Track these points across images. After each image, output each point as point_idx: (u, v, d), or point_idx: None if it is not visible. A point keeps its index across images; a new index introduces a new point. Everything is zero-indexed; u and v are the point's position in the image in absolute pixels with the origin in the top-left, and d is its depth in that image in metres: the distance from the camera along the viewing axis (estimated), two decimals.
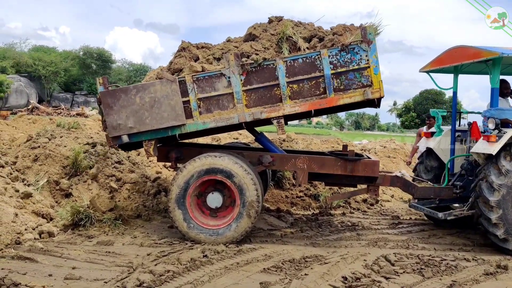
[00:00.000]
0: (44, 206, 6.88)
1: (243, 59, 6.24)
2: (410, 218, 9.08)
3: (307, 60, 6.30)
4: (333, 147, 13.81)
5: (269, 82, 6.32)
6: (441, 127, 8.17)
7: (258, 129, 7.66)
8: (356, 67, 6.29)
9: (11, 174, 7.21)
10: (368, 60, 6.26)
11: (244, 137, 15.38)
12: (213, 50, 6.88)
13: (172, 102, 6.23)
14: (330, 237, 7.15)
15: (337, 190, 9.69)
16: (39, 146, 8.24)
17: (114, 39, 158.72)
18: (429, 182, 7.74)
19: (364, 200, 10.10)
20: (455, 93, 7.95)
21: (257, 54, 6.37)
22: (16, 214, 6.24)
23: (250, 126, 7.16)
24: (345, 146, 8.03)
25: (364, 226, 8.04)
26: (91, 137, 9.11)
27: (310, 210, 9.27)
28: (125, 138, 6.29)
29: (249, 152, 6.99)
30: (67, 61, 60.38)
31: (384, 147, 16.23)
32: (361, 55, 6.27)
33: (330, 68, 6.25)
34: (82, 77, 63.85)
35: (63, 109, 49.05)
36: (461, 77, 8.03)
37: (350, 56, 6.27)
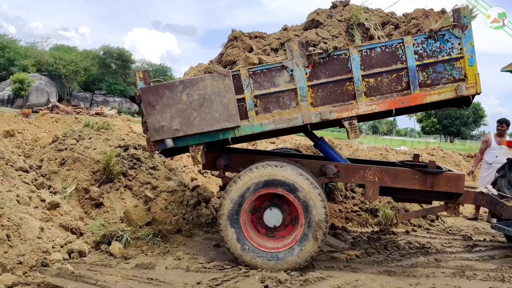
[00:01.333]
0: (73, 218, 6.08)
1: (310, 49, 5.31)
2: (484, 239, 8.03)
3: (387, 50, 5.36)
4: (381, 154, 12.79)
5: (340, 75, 5.40)
6: None
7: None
8: (447, 57, 5.32)
9: (35, 180, 6.41)
10: (461, 49, 5.30)
11: (281, 141, 14.46)
12: (269, 40, 5.98)
13: (225, 100, 5.35)
14: (403, 263, 6.19)
15: (397, 204, 8.71)
16: (66, 148, 7.49)
17: (133, 40, 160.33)
18: None
19: (424, 216, 9.06)
20: None
21: (325, 43, 5.44)
22: (42, 228, 5.46)
23: (308, 128, 6.23)
24: (416, 156, 7.03)
25: (437, 248, 7.03)
26: (123, 139, 8.31)
27: (367, 227, 8.30)
28: (169, 143, 5.43)
29: (309, 161, 6.05)
30: (87, 61, 60.53)
31: (432, 155, 15.06)
32: (452, 43, 5.30)
33: (415, 58, 5.31)
34: (102, 76, 64.08)
35: (82, 108, 49.16)
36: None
37: (439, 44, 5.31)
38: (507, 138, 9.04)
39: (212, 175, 9.97)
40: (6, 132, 9.81)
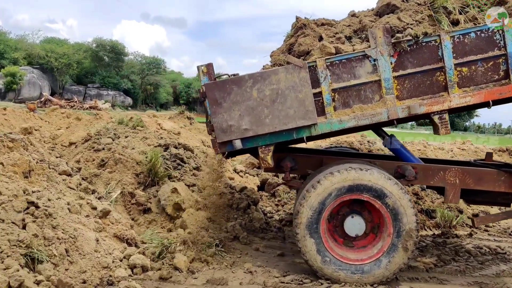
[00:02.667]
0: (125, 227, 5.59)
1: (398, 35, 4.82)
2: None
3: (483, 35, 4.90)
4: (419, 149, 12.33)
5: (429, 65, 4.95)
6: None
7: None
8: None
9: (80, 185, 5.91)
10: None
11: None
12: (338, 27, 5.48)
13: (301, 95, 4.86)
14: (487, 272, 5.80)
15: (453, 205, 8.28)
16: (103, 148, 6.99)
17: (121, 33, 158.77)
18: None
19: (476, 215, 8.63)
20: None
21: (411, 29, 4.95)
22: (97, 240, 5.01)
23: (379, 125, 5.77)
24: (489, 154, 6.58)
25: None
26: (161, 137, 7.79)
27: (425, 230, 7.85)
28: (238, 144, 4.95)
29: (383, 162, 5.58)
30: (80, 53, 59.72)
31: (463, 149, 14.62)
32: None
33: None
34: (95, 69, 63.32)
35: (76, 102, 48.54)
36: None
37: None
38: None
39: (246, 173, 9.51)
40: (24, 130, 9.30)
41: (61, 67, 55.16)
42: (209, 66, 5.00)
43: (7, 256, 4.12)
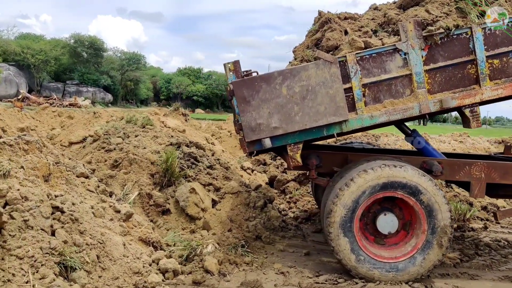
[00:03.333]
0: (148, 229, 5.49)
1: (430, 28, 4.81)
2: None
3: None
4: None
5: (460, 58, 4.97)
6: None
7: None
8: None
9: (98, 187, 5.79)
10: None
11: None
12: (362, 21, 5.45)
13: (331, 91, 4.82)
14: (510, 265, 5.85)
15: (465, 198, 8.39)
16: (114, 149, 6.84)
17: (97, 28, 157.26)
18: None
19: (484, 208, 8.77)
20: None
21: (437, 22, 4.94)
22: (124, 244, 4.88)
23: (404, 120, 5.77)
24: (508, 147, 6.65)
25: None
26: (172, 136, 7.68)
27: None
28: (267, 142, 4.90)
29: (410, 157, 5.59)
30: (57, 50, 58.68)
31: (460, 142, 14.82)
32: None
33: None
34: (73, 66, 62.45)
35: (55, 99, 47.83)
36: None
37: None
38: None
39: (252, 171, 9.46)
40: (21, 130, 9.09)
41: (38, 64, 54.20)
42: (236, 63, 4.92)
43: (42, 265, 4.00)
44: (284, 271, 5.16)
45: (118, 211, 5.39)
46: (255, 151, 5.13)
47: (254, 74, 4.93)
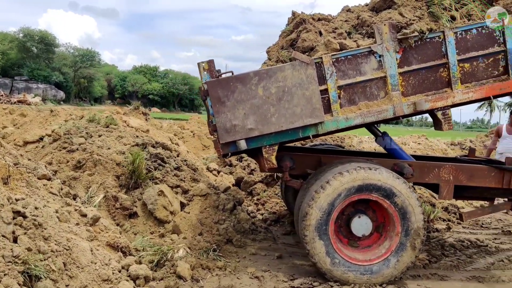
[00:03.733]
0: (116, 234, 5.30)
1: (405, 31, 4.87)
2: None
3: (483, 31, 5.06)
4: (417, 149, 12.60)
5: (433, 61, 5.05)
6: None
7: None
8: None
9: (61, 189, 5.54)
10: None
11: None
12: (336, 22, 5.46)
13: (308, 92, 4.80)
14: (477, 265, 6.03)
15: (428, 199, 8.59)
16: (77, 149, 6.58)
17: (47, 22, 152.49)
18: None
19: (445, 209, 9.03)
20: None
21: (411, 25, 5.02)
22: (91, 250, 4.68)
23: (376, 122, 5.84)
24: (472, 150, 6.85)
25: (493, 247, 6.92)
26: (137, 136, 7.47)
27: None
28: (242, 144, 4.82)
29: (381, 160, 5.65)
30: (4, 44, 56.51)
31: (419, 143, 15.20)
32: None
33: None
34: (22, 61, 60.32)
35: (2, 95, 46.10)
36: None
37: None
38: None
39: (218, 172, 9.36)
40: None
41: None
42: (211, 62, 4.82)
43: (4, 275, 3.76)
44: (258, 275, 5.09)
45: (84, 215, 5.17)
46: (229, 153, 5.04)
47: (229, 74, 4.84)
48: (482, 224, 8.55)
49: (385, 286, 4.96)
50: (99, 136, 7.08)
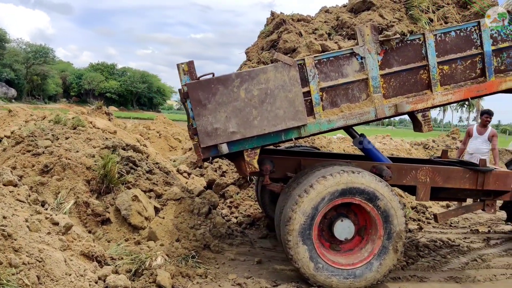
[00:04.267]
0: (90, 242, 5.08)
1: (387, 33, 4.88)
2: (489, 230, 8.38)
3: (462, 34, 5.14)
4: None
5: (414, 63, 5.09)
6: None
7: None
8: None
9: (29, 196, 5.27)
10: None
11: None
12: (315, 24, 5.41)
13: (291, 94, 4.74)
14: (452, 265, 6.18)
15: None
16: (43, 152, 6.28)
17: None
18: None
19: (413, 208, 9.21)
20: None
21: (392, 27, 5.03)
22: (65, 261, 4.46)
23: (358, 124, 5.84)
24: (445, 152, 6.98)
25: (465, 246, 7.14)
26: (106, 138, 7.21)
27: None
28: (224, 148, 4.71)
29: (360, 162, 5.65)
30: None
31: (384, 144, 15.40)
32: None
33: (491, 43, 5.10)
34: None
35: None
36: None
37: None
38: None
39: (189, 174, 9.19)
40: None
41: None
42: (190, 64, 4.68)
43: None
44: (240, 282, 4.99)
45: (56, 223, 4.93)
46: (210, 157, 4.92)
47: (210, 76, 4.71)
48: (451, 223, 8.77)
49: None
50: (66, 138, 6.79)
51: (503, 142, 24.85)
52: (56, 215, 5.23)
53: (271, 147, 6.96)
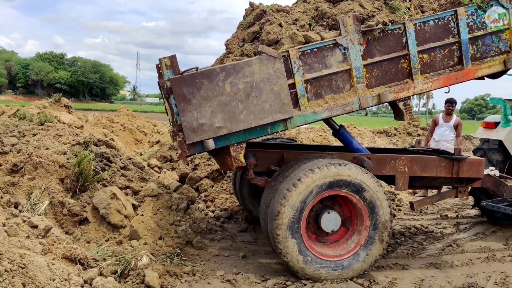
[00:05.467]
0: (71, 244, 4.94)
1: (370, 23, 4.94)
2: (457, 216, 8.69)
3: (440, 23, 5.26)
4: (321, 135, 12.84)
5: (395, 52, 5.19)
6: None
7: None
8: (494, 29, 5.40)
9: (1, 198, 5.06)
10: (508, 20, 5.40)
11: None
12: (295, 14, 5.41)
13: (276, 87, 4.73)
14: (431, 252, 6.38)
15: None
16: (11, 150, 6.02)
17: None
18: None
19: (437, 201, 9.36)
20: None
21: (372, 17, 5.10)
22: (48, 265, 4.32)
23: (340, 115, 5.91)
24: (418, 141, 7.18)
25: (438, 232, 7.40)
26: (77, 134, 6.98)
27: None
28: (211, 144, 4.65)
29: (342, 153, 5.73)
30: None
31: (349, 132, 15.59)
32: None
33: (467, 31, 5.25)
34: None
35: None
36: None
37: (487, 15, 5.36)
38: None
39: (160, 169, 9.06)
40: None
41: None
42: (173, 58, 4.58)
43: None
44: (229, 278, 4.98)
45: (35, 226, 4.75)
46: (195, 153, 4.86)
47: (194, 70, 4.63)
48: (421, 210, 9.04)
49: (356, 280, 5.06)
50: (34, 135, 6.53)
51: (468, 128, 25.63)
52: (32, 217, 5.07)
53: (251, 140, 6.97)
